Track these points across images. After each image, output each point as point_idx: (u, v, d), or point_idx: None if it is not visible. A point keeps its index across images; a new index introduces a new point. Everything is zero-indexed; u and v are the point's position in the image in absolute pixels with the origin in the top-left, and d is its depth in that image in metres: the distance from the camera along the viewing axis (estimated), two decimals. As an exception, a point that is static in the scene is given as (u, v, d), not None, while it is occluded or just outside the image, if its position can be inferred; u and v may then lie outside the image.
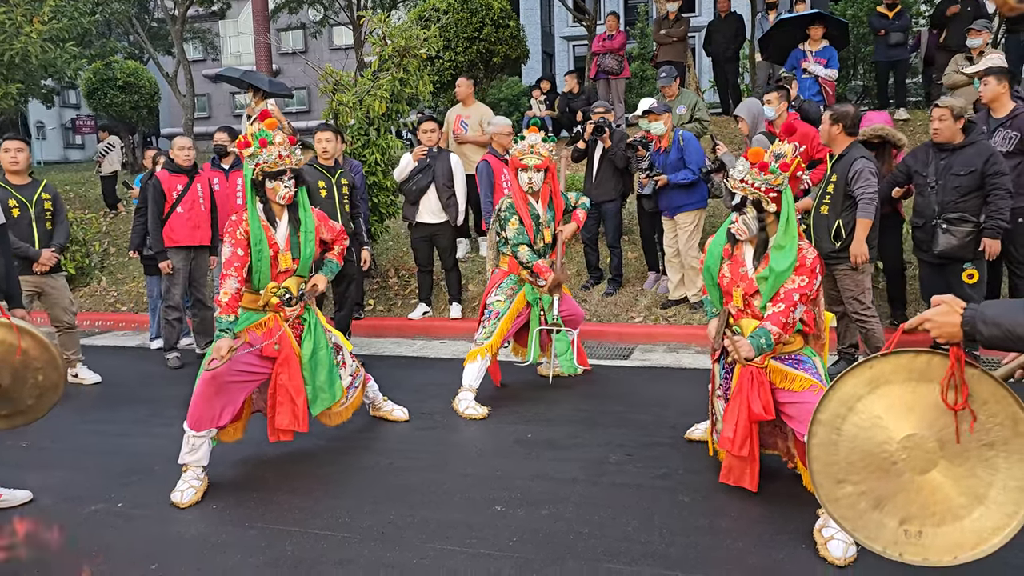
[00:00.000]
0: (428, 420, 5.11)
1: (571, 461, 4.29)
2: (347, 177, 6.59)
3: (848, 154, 5.33)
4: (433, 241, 7.50)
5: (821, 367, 3.64)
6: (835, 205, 5.36)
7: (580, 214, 5.60)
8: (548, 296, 5.38)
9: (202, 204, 6.70)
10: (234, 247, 4.04)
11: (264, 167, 4.08)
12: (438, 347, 7.17)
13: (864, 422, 2.24)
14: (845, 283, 5.44)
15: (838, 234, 5.36)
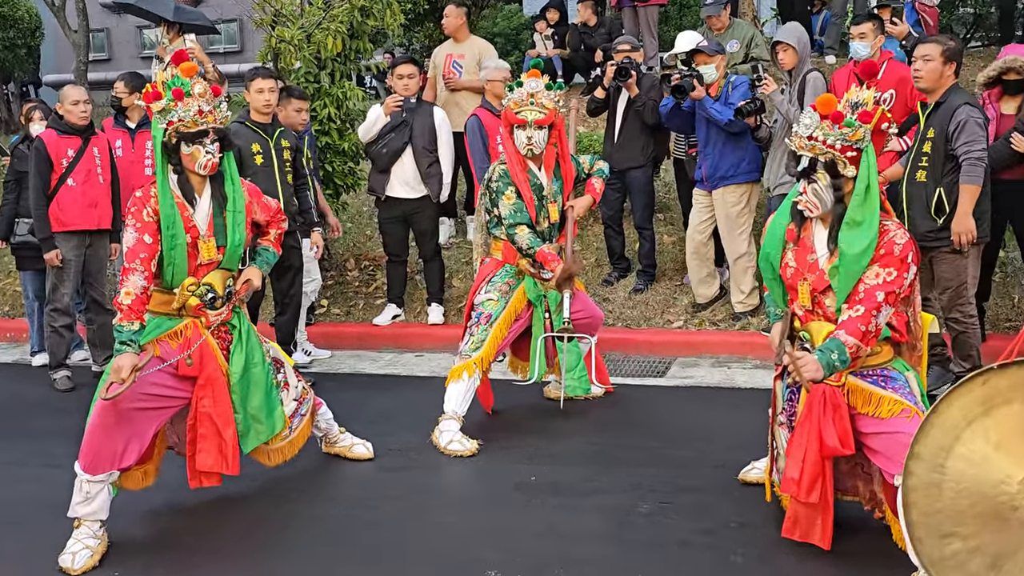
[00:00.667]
0: (399, 458, 5.11)
1: (587, 512, 4.30)
2: (289, 138, 6.57)
3: (948, 101, 5.29)
4: (409, 222, 7.51)
5: (917, 386, 3.60)
6: (934, 169, 5.34)
7: (596, 184, 5.61)
8: (556, 293, 5.38)
9: (100, 175, 6.69)
10: (139, 233, 3.99)
11: (179, 126, 4.05)
12: (412, 362, 7.17)
13: (975, 455, 2.24)
14: (943, 269, 5.44)
15: (940, 207, 5.32)
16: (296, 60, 7.92)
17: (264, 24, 8.17)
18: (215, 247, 4.21)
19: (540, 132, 5.24)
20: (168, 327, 4.17)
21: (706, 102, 6.62)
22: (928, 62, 5.29)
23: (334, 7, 7.97)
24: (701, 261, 7.20)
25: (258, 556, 4.01)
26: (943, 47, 5.32)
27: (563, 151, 5.42)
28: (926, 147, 5.37)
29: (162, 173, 4.08)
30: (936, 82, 5.33)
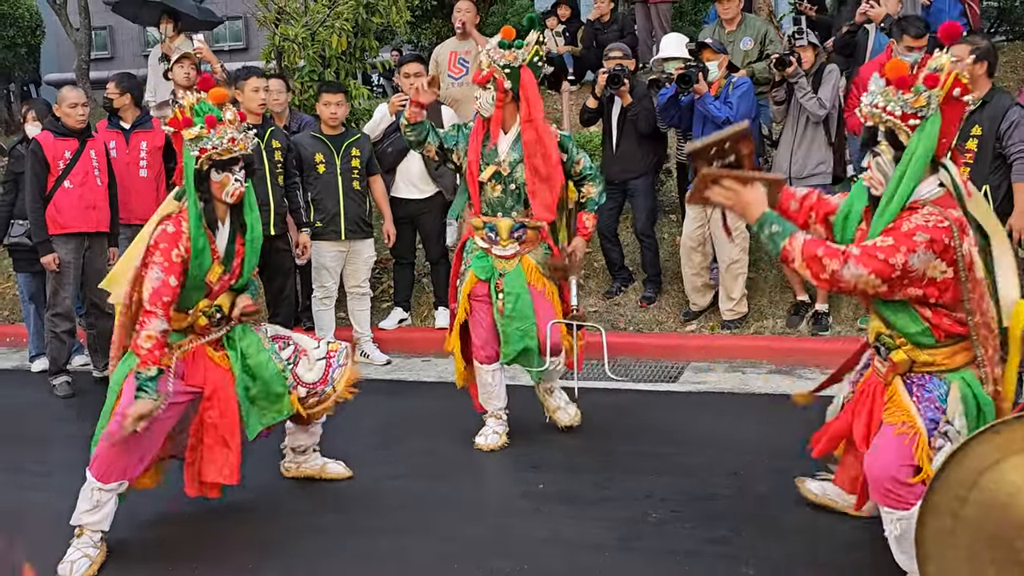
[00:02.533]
0: (403, 465, 5.12)
1: (596, 520, 4.30)
2: (280, 138, 6.64)
3: (995, 100, 5.44)
4: (415, 223, 7.52)
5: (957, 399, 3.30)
6: (980, 167, 5.44)
7: (588, 223, 5.31)
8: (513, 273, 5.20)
9: (98, 177, 6.71)
10: (166, 274, 3.97)
11: (213, 154, 4.05)
12: (419, 367, 7.18)
13: (991, 500, 2.23)
14: None
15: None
16: (300, 59, 7.98)
17: (268, 22, 8.23)
18: (224, 272, 4.22)
19: (485, 93, 5.05)
20: (173, 341, 4.17)
21: (707, 98, 6.61)
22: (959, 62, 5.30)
23: (339, 4, 8.03)
24: (695, 269, 7.19)
25: (260, 567, 4.03)
26: (971, 47, 5.36)
27: (530, 116, 5.05)
28: (970, 144, 5.46)
29: (194, 204, 4.06)
30: (972, 83, 5.31)
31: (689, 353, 6.94)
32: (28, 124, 7.26)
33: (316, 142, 6.94)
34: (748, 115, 6.68)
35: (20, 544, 4.30)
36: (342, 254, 7.05)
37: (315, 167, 6.90)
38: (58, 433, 5.84)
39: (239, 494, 4.68)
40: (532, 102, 5.02)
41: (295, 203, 6.78)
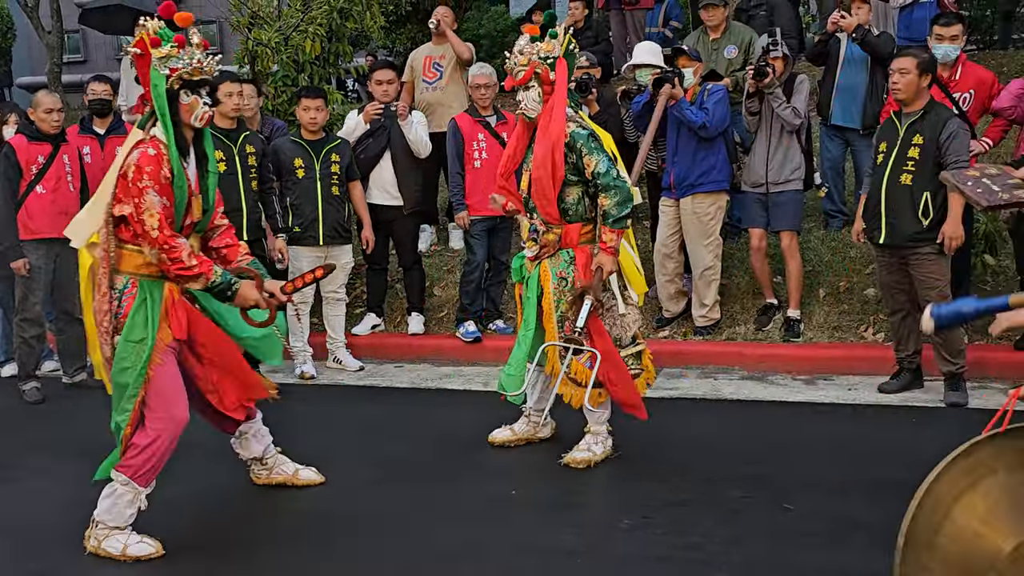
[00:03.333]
0: (377, 471, 5.11)
1: (567, 527, 4.30)
2: (255, 143, 6.63)
3: (935, 111, 5.66)
4: (387, 229, 7.53)
5: None
6: (921, 174, 5.63)
7: (605, 236, 4.83)
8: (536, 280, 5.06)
9: (71, 183, 6.68)
10: (161, 195, 3.92)
11: (183, 73, 3.98)
12: (392, 373, 7.18)
13: (962, 533, 2.21)
14: (928, 271, 5.71)
15: (926, 211, 5.64)
16: (274, 63, 7.96)
17: (241, 27, 8.20)
18: (201, 206, 4.18)
19: (528, 92, 4.85)
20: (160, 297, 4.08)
21: (682, 103, 6.65)
22: (905, 75, 5.65)
23: (312, 9, 8.02)
24: (669, 276, 7.22)
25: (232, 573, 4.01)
26: (918, 60, 5.66)
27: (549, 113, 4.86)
28: (913, 152, 5.67)
29: (168, 127, 3.98)
30: (914, 93, 5.69)
31: (661, 359, 6.92)
32: (7, 127, 7.19)
33: (296, 147, 6.93)
34: (723, 121, 6.75)
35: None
36: (319, 260, 7.02)
37: (294, 172, 6.89)
38: (27, 439, 5.78)
39: (211, 498, 4.67)
40: (557, 98, 4.83)
41: (271, 208, 6.75)
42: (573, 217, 4.95)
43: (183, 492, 4.78)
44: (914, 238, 5.70)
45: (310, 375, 7.05)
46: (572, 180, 4.88)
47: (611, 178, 4.77)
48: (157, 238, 3.88)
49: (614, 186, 4.76)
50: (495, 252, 7.47)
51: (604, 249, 4.82)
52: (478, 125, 7.25)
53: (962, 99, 6.36)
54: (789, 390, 6.38)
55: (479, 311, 7.48)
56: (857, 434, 5.51)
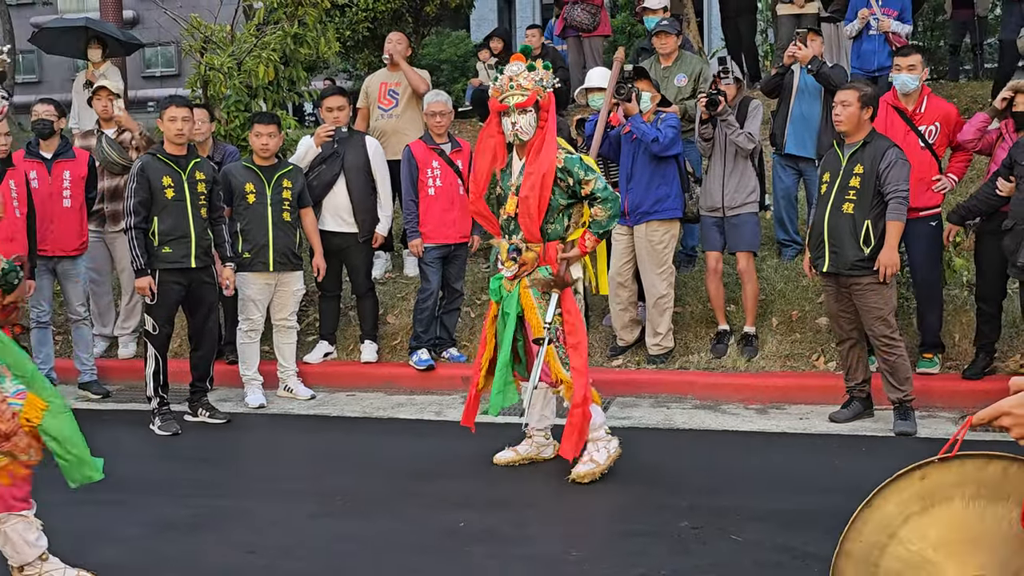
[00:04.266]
0: (324, 503, 5.06)
1: (515, 560, 4.28)
2: (205, 170, 6.58)
3: (875, 141, 5.83)
4: (341, 256, 7.50)
5: None
6: (862, 203, 5.79)
7: (587, 240, 5.23)
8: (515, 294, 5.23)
9: (17, 209, 6.60)
10: None
11: None
12: (343, 401, 7.12)
13: (910, 557, 2.19)
14: (870, 300, 5.82)
15: (867, 239, 5.77)
16: (227, 88, 7.93)
17: (194, 51, 8.17)
18: None
19: (524, 116, 5.08)
20: None
21: (636, 118, 6.70)
22: (847, 107, 5.81)
23: (266, 35, 8.01)
24: (622, 305, 7.26)
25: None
26: (860, 93, 5.84)
27: (544, 141, 5.12)
28: (854, 182, 5.83)
29: None
30: (856, 125, 5.84)
31: (615, 388, 6.98)
32: None
33: (247, 172, 6.91)
34: (674, 142, 6.80)
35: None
36: (269, 286, 7.00)
37: (245, 197, 6.85)
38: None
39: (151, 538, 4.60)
40: (550, 128, 5.14)
41: (220, 236, 6.66)
42: (552, 236, 5.20)
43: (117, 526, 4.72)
44: (855, 266, 5.81)
45: (258, 404, 6.99)
46: (561, 203, 5.17)
47: (608, 193, 5.14)
48: None
49: (611, 200, 5.15)
50: (449, 280, 7.47)
51: (581, 249, 5.21)
52: (433, 152, 7.27)
53: (928, 132, 6.45)
54: (741, 419, 6.42)
55: (433, 339, 7.46)
56: (808, 464, 5.56)
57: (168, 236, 6.34)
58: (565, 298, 5.18)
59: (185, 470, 5.73)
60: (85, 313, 7.36)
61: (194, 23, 8.28)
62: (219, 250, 6.67)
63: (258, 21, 8.18)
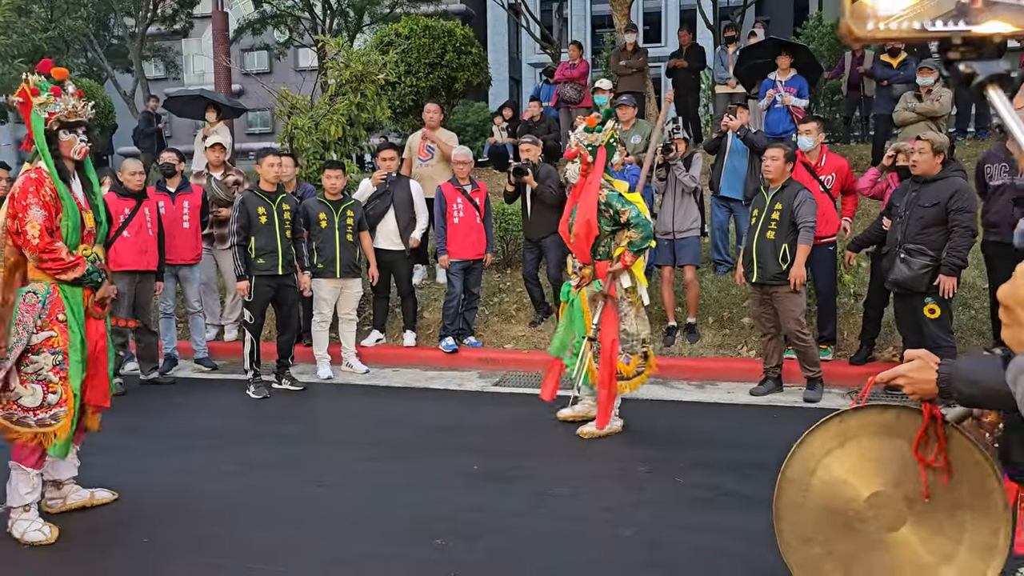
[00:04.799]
0: (374, 450, 5.06)
1: (514, 494, 4.28)
2: (290, 203, 6.59)
3: (790, 186, 5.86)
4: (390, 267, 7.50)
5: None
6: (780, 231, 5.80)
7: (626, 258, 5.10)
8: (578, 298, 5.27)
9: (149, 229, 6.62)
10: (45, 209, 3.65)
11: (60, 116, 3.77)
12: (390, 376, 7.12)
13: (831, 479, 2.22)
14: (787, 304, 5.84)
15: (784, 257, 5.78)
16: (307, 142, 7.94)
17: (283, 114, 8.18)
18: (93, 218, 3.95)
19: (572, 165, 5.21)
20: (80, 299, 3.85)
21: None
22: (775, 161, 5.85)
23: (337, 103, 8.01)
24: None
25: (249, 523, 3.91)
26: (785, 151, 5.88)
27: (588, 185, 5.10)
28: (775, 215, 5.84)
29: (48, 157, 3.74)
30: (781, 174, 5.87)
31: (592, 368, 6.95)
32: (104, 187, 7.10)
33: (321, 205, 6.90)
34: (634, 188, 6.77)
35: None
36: (336, 289, 6.99)
37: (319, 223, 6.85)
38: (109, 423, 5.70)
39: (226, 464, 4.59)
40: (594, 175, 5.11)
41: (300, 252, 6.66)
42: (602, 256, 5.17)
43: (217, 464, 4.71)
44: (776, 278, 5.80)
45: (327, 376, 6.97)
46: (607, 230, 5.14)
47: (640, 220, 5.08)
48: (37, 244, 3.63)
49: (642, 225, 5.08)
50: (470, 286, 7.44)
51: (623, 263, 5.10)
52: (457, 191, 7.27)
53: (827, 179, 6.46)
54: (684, 392, 6.40)
55: (456, 330, 7.44)
56: (734, 426, 5.53)
57: (262, 251, 6.37)
58: (607, 306, 5.16)
59: (270, 424, 5.73)
60: (199, 307, 7.37)
61: (283, 94, 8.29)
62: (299, 261, 6.67)
63: (331, 93, 8.19)
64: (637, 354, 5.26)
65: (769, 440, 5.04)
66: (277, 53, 24.71)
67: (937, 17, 0.81)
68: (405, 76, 11.68)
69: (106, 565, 3.55)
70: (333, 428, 5.74)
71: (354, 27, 19.73)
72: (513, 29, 32.69)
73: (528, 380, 6.76)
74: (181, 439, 5.33)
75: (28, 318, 3.69)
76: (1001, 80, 0.84)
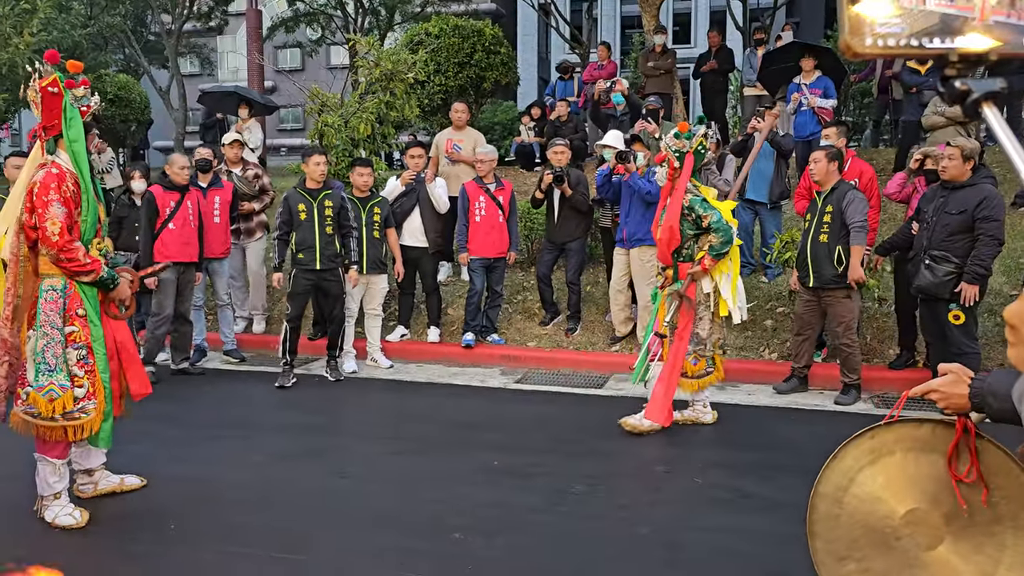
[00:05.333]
0: (396, 444, 5.11)
1: (533, 490, 4.29)
2: (332, 199, 6.61)
3: (839, 187, 5.87)
4: (415, 264, 7.55)
5: None
6: (833, 234, 5.80)
7: (705, 261, 5.15)
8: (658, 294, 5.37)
9: (192, 221, 6.76)
10: (66, 206, 3.63)
11: (95, 110, 3.78)
12: (414, 371, 7.17)
13: (865, 495, 2.17)
14: (840, 310, 5.86)
15: (839, 260, 5.77)
16: (336, 140, 8.00)
17: (313, 112, 8.26)
18: (104, 210, 3.98)
19: (661, 168, 5.33)
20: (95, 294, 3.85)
21: (635, 176, 6.67)
22: (817, 163, 5.85)
23: (366, 101, 8.06)
24: (620, 306, 7.21)
25: (275, 514, 3.97)
26: (827, 152, 5.88)
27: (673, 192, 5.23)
28: (827, 218, 5.84)
29: (84, 151, 3.73)
30: (826, 176, 5.88)
31: (612, 367, 6.95)
32: (135, 181, 7.21)
33: (349, 202, 6.92)
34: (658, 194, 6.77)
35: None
36: (362, 285, 7.06)
37: None
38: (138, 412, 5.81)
39: (255, 455, 4.65)
40: (680, 181, 5.19)
41: (347, 247, 6.68)
42: (684, 258, 5.25)
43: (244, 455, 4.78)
44: (832, 281, 5.81)
45: (352, 371, 7.04)
46: (689, 233, 5.21)
47: (720, 225, 5.10)
48: (57, 242, 3.60)
49: (722, 230, 5.09)
50: (493, 284, 7.46)
51: (702, 267, 5.13)
52: (480, 190, 7.29)
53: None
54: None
55: (479, 326, 7.47)
56: (754, 428, 5.51)
57: (301, 246, 6.51)
58: (683, 306, 5.22)
59: (296, 416, 5.80)
60: (228, 300, 7.47)
61: (314, 92, 8.35)
62: (347, 255, 6.69)
63: (360, 91, 8.24)
64: (706, 358, 5.28)
65: (789, 442, 5.04)
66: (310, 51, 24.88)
67: (935, 35, 0.82)
68: (434, 75, 11.72)
69: (135, 550, 3.63)
70: (357, 421, 5.80)
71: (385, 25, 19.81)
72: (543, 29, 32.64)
73: (549, 378, 6.78)
74: (209, 429, 5.42)
75: (54, 315, 3.73)
76: (996, 97, 0.86)
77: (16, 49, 8.34)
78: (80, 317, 3.79)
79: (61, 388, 3.73)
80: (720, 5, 23.91)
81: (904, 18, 0.82)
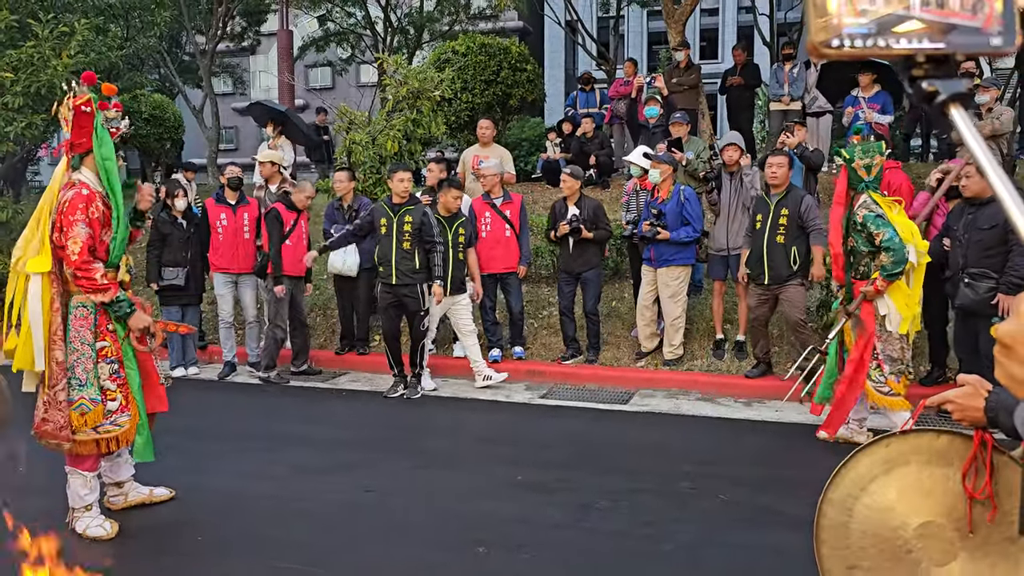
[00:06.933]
0: (421, 458, 5.13)
1: (556, 506, 4.28)
2: (414, 215, 6.52)
3: (793, 191, 6.29)
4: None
5: None
6: (789, 235, 6.19)
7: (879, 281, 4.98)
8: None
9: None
10: (90, 227, 3.69)
11: (123, 133, 3.87)
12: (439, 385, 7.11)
13: (877, 505, 2.13)
14: (795, 298, 6.29)
15: (794, 259, 6.19)
16: (364, 157, 8.09)
17: (341, 129, 8.37)
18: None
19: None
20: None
21: (675, 236, 6.78)
22: (780, 168, 6.22)
23: (393, 119, 8.15)
24: (646, 322, 7.20)
25: (297, 527, 3.99)
26: (788, 159, 6.33)
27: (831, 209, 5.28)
28: (782, 220, 6.22)
29: (115, 171, 3.77)
30: (785, 180, 6.24)
31: (638, 382, 6.93)
32: (178, 200, 7.29)
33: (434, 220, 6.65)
34: (700, 217, 6.87)
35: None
36: (446, 303, 6.89)
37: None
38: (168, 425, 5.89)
39: (280, 470, 4.69)
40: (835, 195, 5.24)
41: (432, 262, 6.52)
42: (859, 276, 5.16)
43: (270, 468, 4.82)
44: (786, 279, 6.22)
45: (432, 388, 6.91)
46: (863, 250, 5.07)
47: (892, 243, 4.88)
48: (75, 260, 3.66)
49: (894, 249, 4.87)
50: (510, 300, 7.39)
51: (874, 288, 4.98)
52: (486, 205, 7.28)
53: None
54: (732, 409, 6.32)
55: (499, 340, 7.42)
56: (781, 445, 5.45)
57: (381, 260, 6.61)
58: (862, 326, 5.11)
59: (323, 430, 5.85)
60: (255, 314, 7.55)
61: (342, 110, 8.47)
62: (432, 271, 6.54)
63: (388, 109, 8.33)
64: (905, 375, 5.13)
65: (817, 460, 4.96)
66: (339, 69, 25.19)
67: (901, 35, 0.83)
68: (461, 92, 11.81)
69: (164, 562, 3.67)
70: (382, 435, 5.82)
71: (414, 44, 20.01)
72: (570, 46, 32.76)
73: (575, 393, 6.77)
74: (237, 441, 5.47)
75: (85, 331, 3.80)
76: (963, 99, 0.85)
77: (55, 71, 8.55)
78: (111, 332, 3.87)
79: (92, 402, 3.80)
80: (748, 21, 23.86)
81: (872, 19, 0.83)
